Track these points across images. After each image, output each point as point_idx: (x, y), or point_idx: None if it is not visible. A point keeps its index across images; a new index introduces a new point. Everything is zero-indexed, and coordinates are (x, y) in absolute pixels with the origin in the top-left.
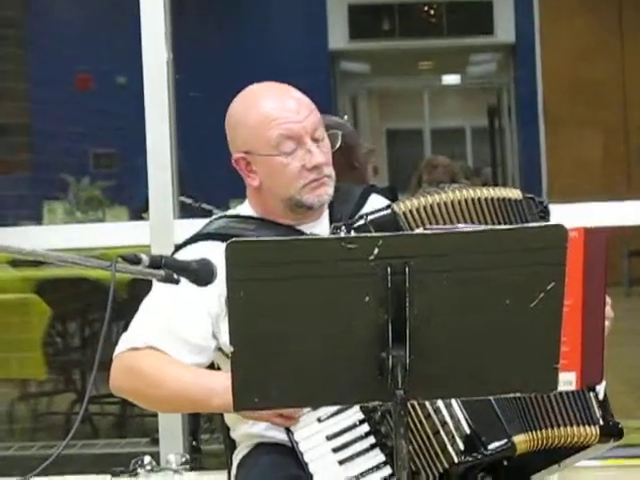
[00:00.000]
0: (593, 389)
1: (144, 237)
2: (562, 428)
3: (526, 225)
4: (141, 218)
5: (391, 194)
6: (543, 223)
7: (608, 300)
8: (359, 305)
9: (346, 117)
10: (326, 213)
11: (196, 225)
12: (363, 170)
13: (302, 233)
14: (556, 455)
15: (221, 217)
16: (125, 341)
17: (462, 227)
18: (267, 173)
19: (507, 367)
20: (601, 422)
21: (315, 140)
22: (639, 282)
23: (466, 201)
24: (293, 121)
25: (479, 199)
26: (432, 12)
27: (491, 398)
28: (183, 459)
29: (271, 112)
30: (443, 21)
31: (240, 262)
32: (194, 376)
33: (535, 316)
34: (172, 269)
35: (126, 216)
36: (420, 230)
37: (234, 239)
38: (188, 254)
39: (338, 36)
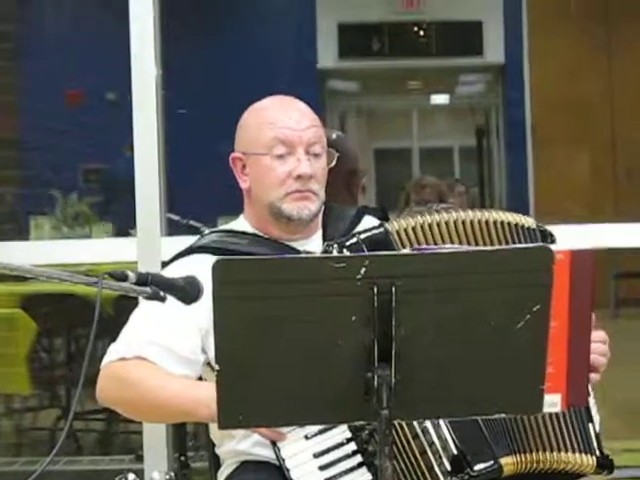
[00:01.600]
0: (591, 420)
1: (131, 253)
2: (557, 453)
3: (512, 246)
4: (128, 234)
5: (382, 215)
6: (530, 245)
7: (604, 336)
8: (345, 324)
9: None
10: (320, 232)
11: (183, 242)
12: (357, 194)
13: (294, 250)
14: None
15: (214, 232)
16: (113, 351)
17: (449, 248)
18: (256, 175)
19: (492, 388)
20: (597, 453)
21: (309, 154)
22: (626, 304)
23: (463, 222)
24: (290, 128)
25: (479, 221)
26: (422, 32)
27: (479, 419)
28: (167, 476)
29: (272, 116)
30: (432, 41)
31: (226, 280)
32: (182, 386)
33: (521, 337)
34: (159, 286)
35: (113, 232)
36: (408, 250)
37: (221, 258)
38: (181, 267)
39: (327, 55)
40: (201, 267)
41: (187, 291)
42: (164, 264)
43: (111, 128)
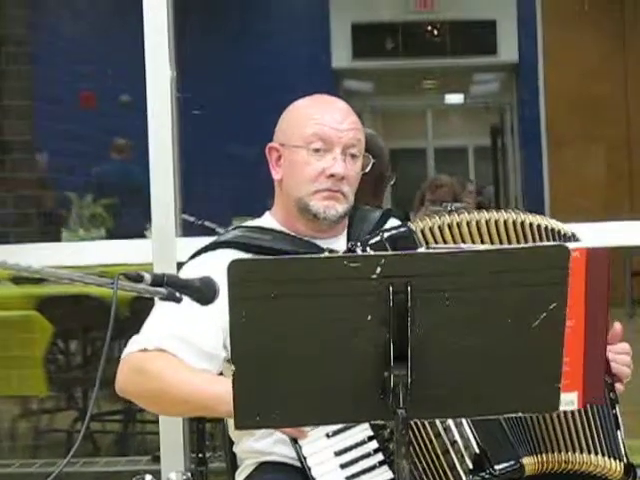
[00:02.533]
0: (619, 427)
1: (146, 255)
2: (585, 454)
3: (528, 245)
4: (143, 236)
5: (405, 218)
6: (545, 243)
7: (628, 348)
8: (361, 324)
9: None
10: (345, 231)
11: (198, 243)
12: (382, 198)
13: (318, 247)
14: None
15: (238, 227)
16: (135, 342)
17: (465, 247)
18: (289, 167)
19: (509, 387)
20: (625, 460)
21: (346, 155)
22: None
23: (487, 223)
24: (331, 127)
25: (504, 222)
26: (435, 32)
27: (501, 418)
28: (184, 477)
29: (315, 113)
30: (446, 40)
31: (241, 281)
32: (203, 381)
33: (537, 336)
34: (174, 287)
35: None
36: (423, 249)
37: (235, 259)
38: (204, 261)
39: (341, 55)
40: (224, 262)
41: (203, 292)
42: (180, 265)
43: (125, 130)
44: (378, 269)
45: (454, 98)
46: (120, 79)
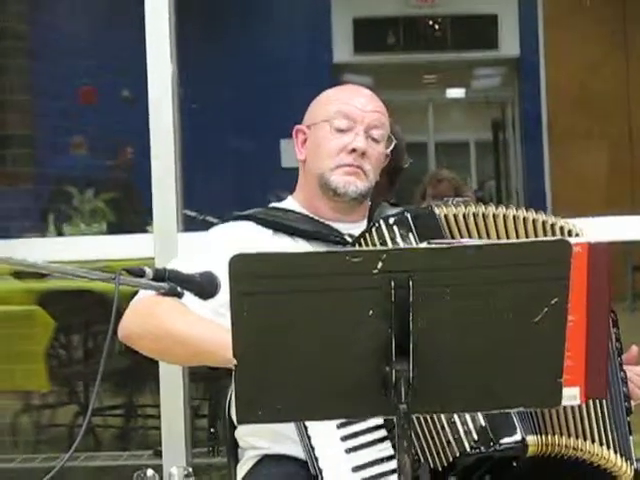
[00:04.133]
0: (631, 433)
1: (148, 250)
2: (595, 445)
3: (530, 240)
4: (145, 231)
5: None
6: (547, 238)
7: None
8: (363, 319)
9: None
10: (365, 221)
11: (200, 238)
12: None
13: (338, 232)
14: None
15: (262, 208)
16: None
17: (466, 241)
18: (313, 144)
19: (510, 381)
20: (636, 465)
21: (369, 135)
22: None
23: (505, 217)
24: (355, 107)
25: (524, 218)
26: (437, 26)
27: None
28: (186, 472)
29: (341, 95)
30: (447, 35)
31: (244, 275)
32: (210, 325)
33: (539, 331)
34: (176, 282)
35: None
36: (425, 244)
37: (237, 253)
38: (224, 232)
39: (343, 49)
40: (244, 231)
41: (204, 287)
42: (215, 224)
43: (126, 125)
44: (380, 264)
45: (455, 92)
46: (121, 74)
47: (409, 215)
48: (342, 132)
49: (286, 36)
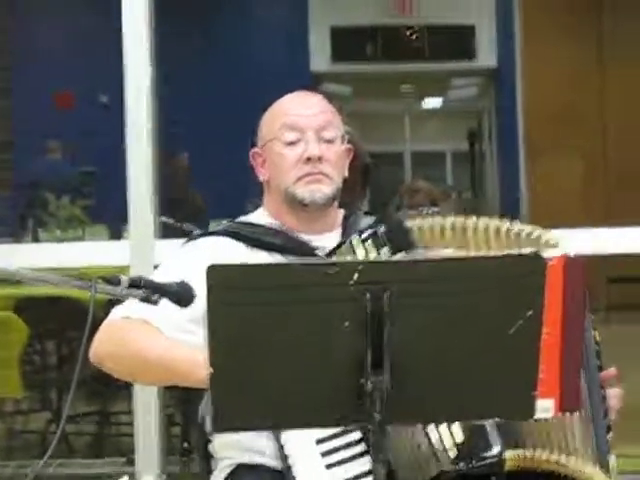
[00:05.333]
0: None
1: (124, 257)
2: (572, 459)
3: (505, 253)
4: (121, 237)
5: None
6: (522, 251)
7: (620, 393)
8: (338, 330)
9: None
10: (339, 230)
11: (177, 245)
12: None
13: (309, 245)
14: None
15: (231, 222)
16: (118, 311)
17: (442, 253)
18: (271, 164)
19: (485, 393)
20: None
21: (321, 138)
22: (618, 309)
23: (482, 228)
24: (299, 114)
25: (500, 229)
26: (414, 36)
27: None
28: (160, 479)
29: (283, 106)
30: (425, 45)
31: (220, 285)
32: (180, 347)
33: (514, 343)
34: (152, 290)
35: (106, 235)
36: (401, 255)
37: (214, 263)
38: (199, 247)
39: (320, 58)
40: (217, 247)
41: (180, 295)
42: (188, 239)
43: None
44: (355, 275)
45: (432, 102)
46: (98, 79)
47: (382, 229)
48: (293, 144)
49: (264, 45)
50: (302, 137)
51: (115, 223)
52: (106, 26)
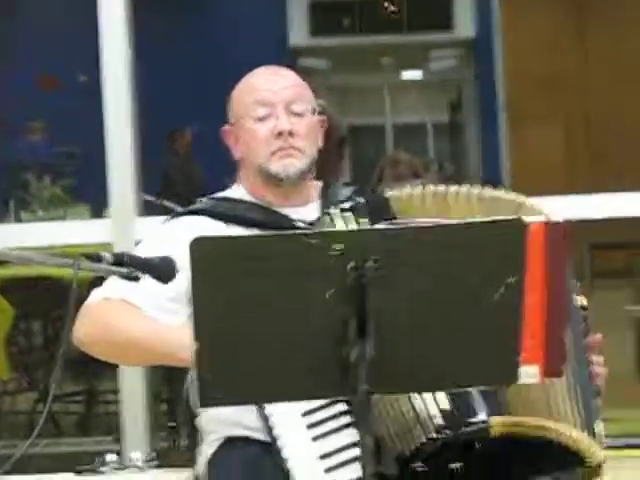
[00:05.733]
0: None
1: (106, 235)
2: (559, 424)
3: (486, 219)
4: (103, 216)
5: None
6: (502, 217)
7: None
8: (320, 301)
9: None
10: (317, 202)
11: (158, 223)
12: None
13: (287, 217)
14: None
15: (210, 198)
16: (97, 293)
17: (423, 222)
18: (244, 141)
19: (469, 360)
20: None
21: (291, 112)
22: (601, 275)
23: (464, 195)
24: (268, 89)
25: (483, 196)
26: (392, 8)
27: None
28: (147, 457)
29: (251, 82)
30: (403, 17)
31: (204, 258)
32: (163, 327)
33: (496, 310)
34: (134, 266)
35: (88, 215)
36: (383, 225)
37: (198, 236)
38: (178, 226)
39: (298, 32)
40: (195, 226)
41: (162, 270)
42: (167, 218)
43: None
44: (337, 245)
45: (412, 74)
46: (79, 61)
47: (362, 200)
48: (264, 119)
49: (242, 19)
50: (272, 112)
51: (97, 202)
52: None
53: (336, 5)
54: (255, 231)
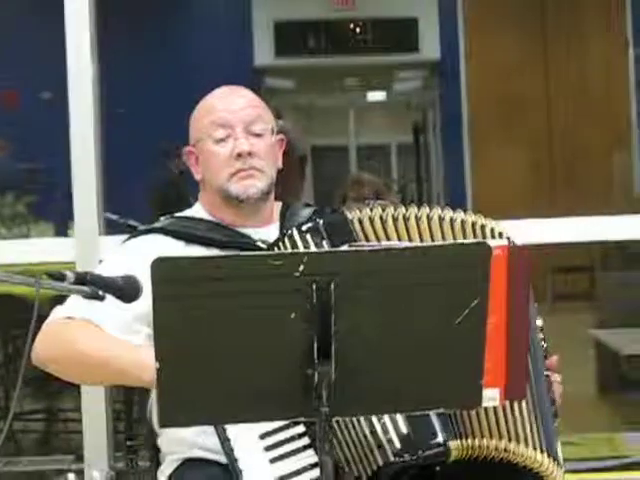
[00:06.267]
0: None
1: (69, 253)
2: (519, 445)
3: (450, 242)
4: (66, 235)
5: None
6: (467, 240)
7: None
8: (285, 322)
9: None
10: (277, 223)
11: (121, 242)
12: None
13: (248, 237)
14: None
15: (171, 217)
16: (59, 311)
17: (388, 244)
18: (204, 163)
19: (432, 383)
20: (563, 469)
21: (250, 133)
22: (563, 299)
23: (416, 218)
24: (227, 110)
25: (445, 218)
26: (358, 29)
27: None
28: (108, 476)
29: (211, 103)
30: (368, 38)
31: (165, 279)
32: (127, 347)
33: (459, 332)
34: (97, 286)
35: (51, 232)
36: (346, 247)
37: (159, 256)
38: (138, 245)
39: (263, 52)
40: (155, 247)
41: (125, 291)
42: (128, 237)
43: (47, 127)
44: (301, 267)
45: (376, 95)
46: (42, 77)
47: (322, 222)
48: (223, 141)
49: (207, 39)
50: (231, 133)
51: (61, 220)
52: (51, 23)
53: (301, 25)
54: (215, 251)
